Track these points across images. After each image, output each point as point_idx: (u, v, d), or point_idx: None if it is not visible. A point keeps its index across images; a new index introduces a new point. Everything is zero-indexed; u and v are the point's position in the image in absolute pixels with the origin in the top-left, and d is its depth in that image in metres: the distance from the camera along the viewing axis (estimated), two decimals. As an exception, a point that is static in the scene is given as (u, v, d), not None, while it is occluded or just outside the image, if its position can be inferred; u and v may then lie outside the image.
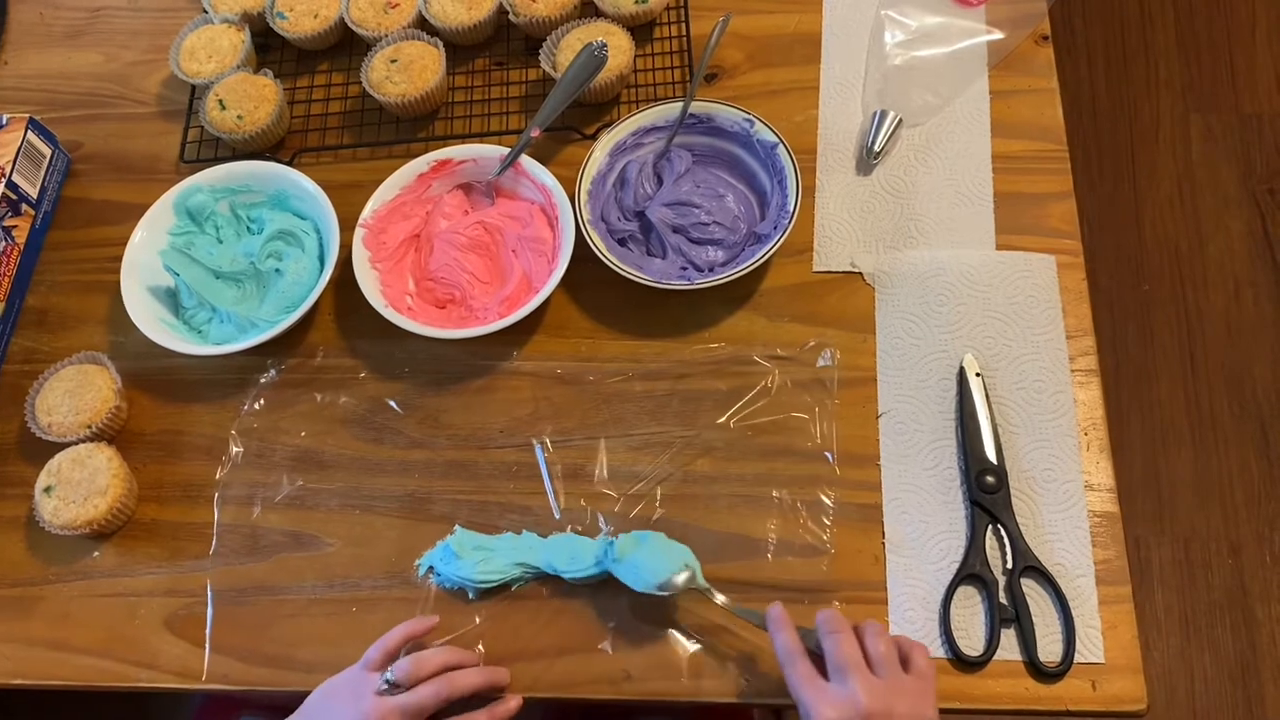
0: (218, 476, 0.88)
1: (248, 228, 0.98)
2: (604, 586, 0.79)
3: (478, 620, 0.79)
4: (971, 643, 0.75)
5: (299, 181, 0.95)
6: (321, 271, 0.91)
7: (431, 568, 0.82)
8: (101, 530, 0.84)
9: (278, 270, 0.93)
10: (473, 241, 0.93)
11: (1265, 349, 1.73)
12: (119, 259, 0.93)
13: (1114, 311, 1.78)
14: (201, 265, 0.93)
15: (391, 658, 0.75)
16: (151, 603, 0.83)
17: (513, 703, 0.76)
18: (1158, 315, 1.78)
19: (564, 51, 0.99)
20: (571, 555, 0.79)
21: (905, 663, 0.68)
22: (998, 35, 1.00)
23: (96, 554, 0.85)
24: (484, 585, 0.79)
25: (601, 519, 0.82)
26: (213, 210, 0.97)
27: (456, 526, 0.83)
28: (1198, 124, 1.94)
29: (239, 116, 0.98)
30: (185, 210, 0.96)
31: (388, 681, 0.72)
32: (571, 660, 0.78)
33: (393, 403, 0.89)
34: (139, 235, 0.94)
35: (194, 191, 0.96)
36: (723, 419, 0.85)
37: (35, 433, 0.87)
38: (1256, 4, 2.04)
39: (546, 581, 0.80)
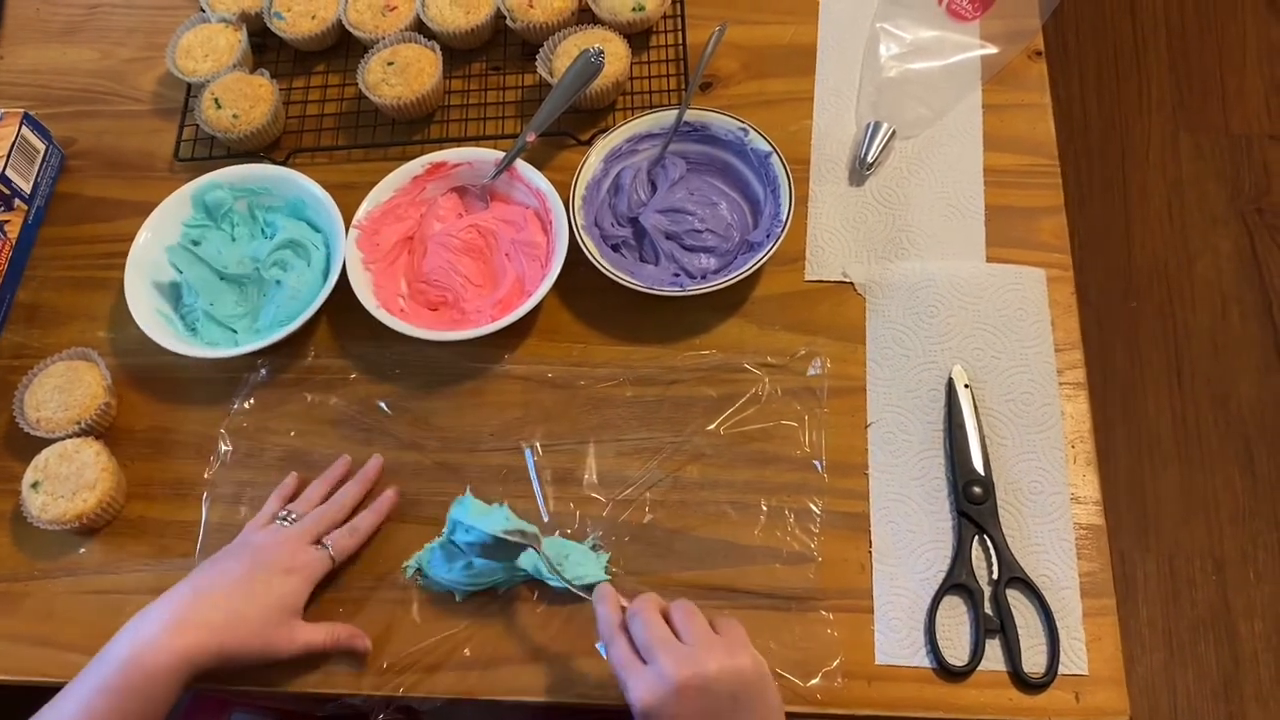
0: (206, 475, 0.87)
1: (262, 230, 0.97)
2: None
3: (464, 624, 0.79)
4: (956, 652, 0.75)
5: (313, 190, 0.94)
6: (322, 287, 0.90)
7: (419, 570, 0.81)
8: (90, 525, 0.84)
9: (278, 282, 0.93)
10: (466, 244, 0.93)
11: (1251, 367, 1.74)
12: (112, 255, 0.93)
13: (1102, 327, 1.79)
14: (207, 264, 0.93)
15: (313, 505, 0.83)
16: (138, 600, 0.81)
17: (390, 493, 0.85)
18: (1145, 332, 1.79)
19: (561, 57, 0.99)
20: (557, 563, 0.78)
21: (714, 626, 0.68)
22: (991, 50, 1.00)
23: (83, 550, 0.85)
24: (471, 588, 0.79)
25: (590, 527, 0.82)
26: (230, 207, 0.96)
27: (467, 488, 0.84)
28: (1187, 143, 1.96)
29: (234, 116, 0.99)
30: (203, 204, 0.96)
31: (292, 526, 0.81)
32: (559, 664, 0.78)
33: (383, 404, 0.89)
34: (144, 235, 0.93)
35: (212, 187, 0.96)
36: (713, 425, 0.85)
37: (23, 428, 0.87)
38: (1247, 26, 2.07)
39: (534, 584, 0.80)
